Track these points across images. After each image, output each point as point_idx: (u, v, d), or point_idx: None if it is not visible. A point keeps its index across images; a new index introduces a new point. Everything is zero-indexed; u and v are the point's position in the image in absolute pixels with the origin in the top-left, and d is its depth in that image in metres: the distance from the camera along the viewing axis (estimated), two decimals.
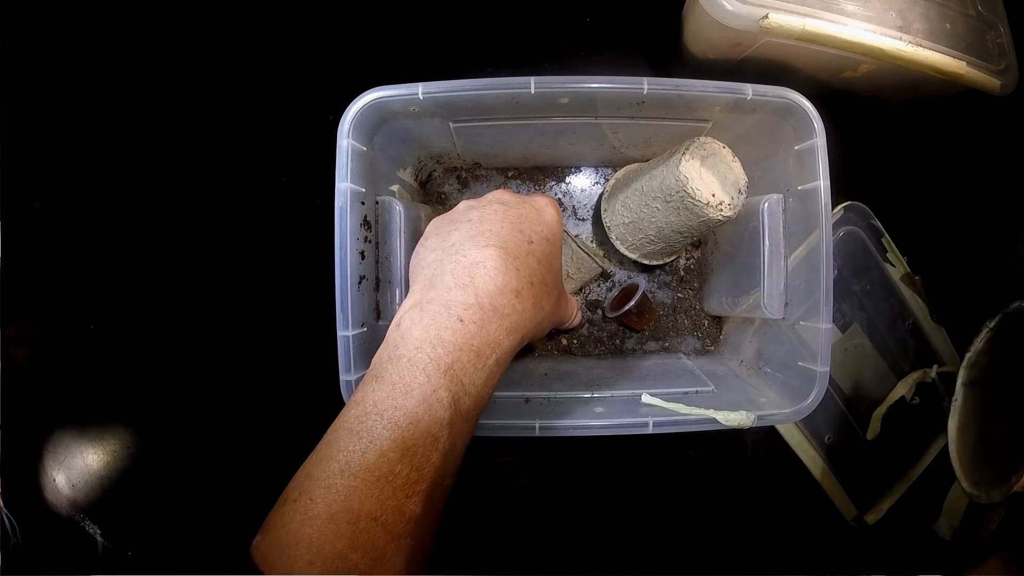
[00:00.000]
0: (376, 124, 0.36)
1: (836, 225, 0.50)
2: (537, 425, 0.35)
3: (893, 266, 0.52)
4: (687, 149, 0.38)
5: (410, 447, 0.24)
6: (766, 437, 0.51)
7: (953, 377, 0.52)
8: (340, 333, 0.33)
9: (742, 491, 0.52)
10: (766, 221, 0.39)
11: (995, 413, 0.45)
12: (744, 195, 0.39)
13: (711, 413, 0.36)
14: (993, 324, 0.45)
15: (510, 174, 0.50)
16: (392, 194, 0.40)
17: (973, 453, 0.45)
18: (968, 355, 0.46)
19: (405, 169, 0.44)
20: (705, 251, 0.51)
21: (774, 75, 0.44)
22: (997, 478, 0.41)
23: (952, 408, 0.46)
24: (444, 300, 0.28)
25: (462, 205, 0.34)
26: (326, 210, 0.34)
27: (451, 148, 0.45)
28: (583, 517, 0.51)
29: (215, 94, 0.51)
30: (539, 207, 0.34)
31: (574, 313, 0.39)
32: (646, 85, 0.35)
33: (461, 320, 0.27)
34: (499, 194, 0.35)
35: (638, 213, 0.43)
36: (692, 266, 0.51)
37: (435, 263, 0.30)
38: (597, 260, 0.41)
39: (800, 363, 0.37)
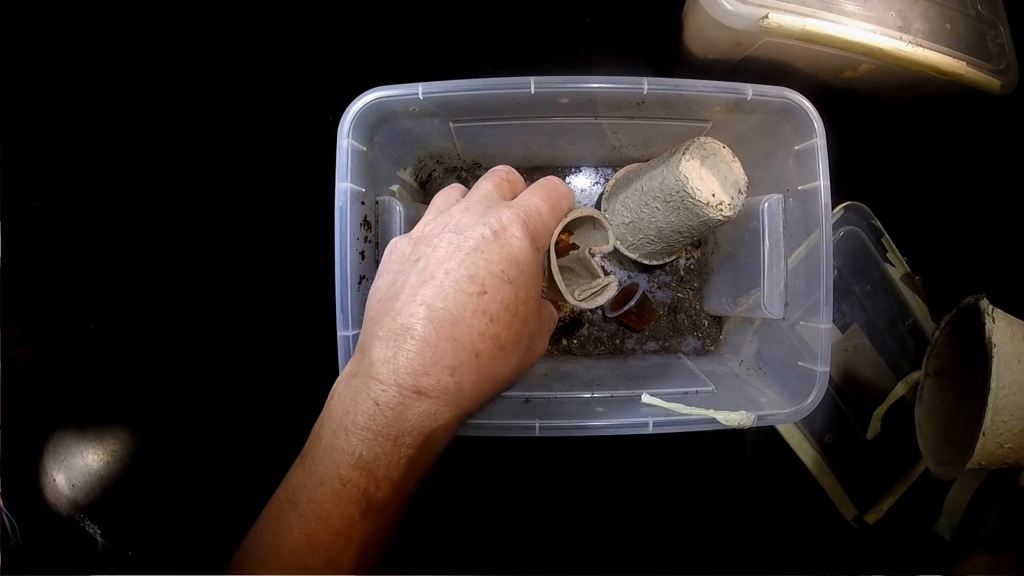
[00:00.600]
0: (376, 124, 0.36)
1: (836, 225, 0.50)
2: (537, 425, 0.35)
3: (893, 266, 0.51)
4: (687, 149, 0.38)
5: (318, 544, 0.23)
6: (766, 437, 0.51)
7: None
8: (340, 333, 0.33)
9: (742, 491, 0.52)
10: (766, 221, 0.39)
11: (956, 399, 0.48)
12: (744, 195, 0.39)
13: (711, 413, 0.36)
14: (950, 317, 0.48)
15: None
16: (392, 194, 0.40)
17: (939, 436, 0.48)
18: (930, 347, 0.49)
19: (405, 169, 0.44)
20: (705, 251, 0.51)
21: (774, 75, 0.44)
22: (958, 457, 0.43)
23: (918, 396, 0.50)
24: (368, 373, 0.24)
25: (419, 228, 0.29)
26: (326, 210, 0.34)
27: (451, 148, 0.45)
28: (583, 517, 0.51)
29: (215, 94, 0.51)
30: (499, 232, 0.26)
31: (554, 323, 0.33)
32: (646, 85, 0.35)
33: (377, 404, 0.24)
34: (457, 213, 0.28)
35: (638, 213, 0.43)
36: (692, 266, 0.51)
37: (373, 318, 0.26)
38: (571, 299, 0.33)
39: (800, 363, 0.37)
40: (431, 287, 0.25)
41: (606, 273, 0.36)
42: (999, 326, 0.40)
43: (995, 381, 0.38)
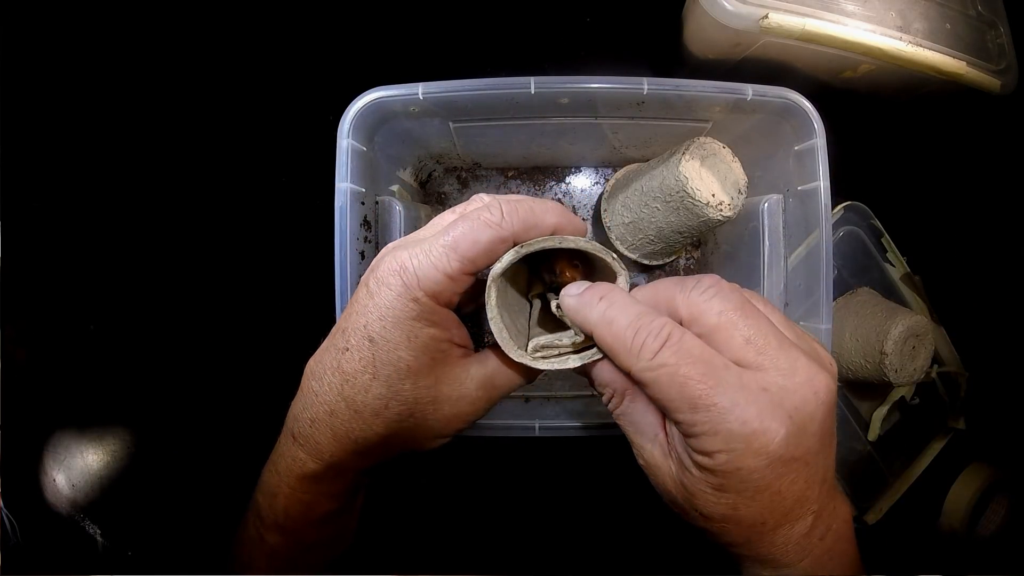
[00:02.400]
0: (376, 124, 0.36)
1: (836, 225, 0.50)
2: (537, 425, 0.35)
3: (893, 266, 0.52)
4: (687, 149, 0.38)
5: (244, 542, 0.27)
6: None
7: (952, 376, 0.52)
8: None
9: None
10: (766, 221, 0.39)
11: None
12: (744, 195, 0.39)
13: None
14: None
15: (510, 174, 0.50)
16: (392, 194, 0.41)
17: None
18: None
19: (405, 169, 0.44)
20: (705, 251, 0.51)
21: (774, 75, 0.44)
22: None
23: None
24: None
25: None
26: (326, 210, 0.34)
27: (451, 148, 0.45)
28: (583, 517, 0.51)
29: (215, 94, 0.51)
30: (380, 280, 0.24)
31: (498, 390, 0.27)
32: (646, 85, 0.35)
33: (281, 437, 0.27)
34: (385, 247, 0.25)
35: (638, 213, 0.43)
36: (692, 266, 0.51)
37: None
38: (514, 353, 0.25)
39: None
40: (327, 339, 0.25)
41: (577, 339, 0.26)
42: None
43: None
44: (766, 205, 0.39)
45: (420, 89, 0.34)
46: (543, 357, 0.25)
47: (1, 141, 0.48)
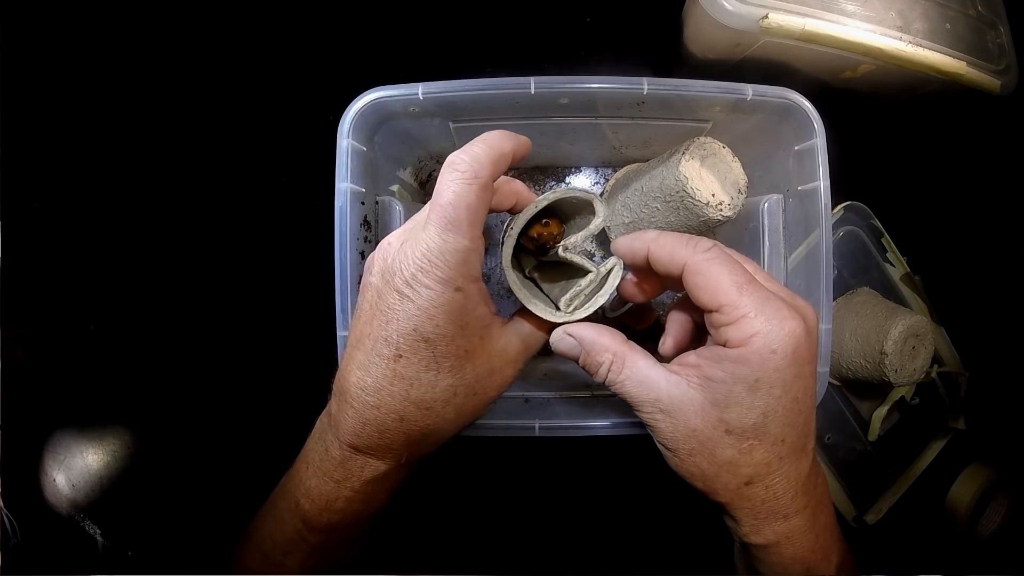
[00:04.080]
0: (376, 124, 0.36)
1: (836, 225, 0.50)
2: (537, 425, 0.35)
3: (893, 266, 0.52)
4: (687, 149, 0.38)
5: (278, 543, 0.28)
6: None
7: (952, 376, 0.52)
8: (340, 333, 0.33)
9: None
10: (766, 221, 0.39)
11: None
12: (744, 195, 0.39)
13: None
14: None
15: (510, 174, 0.50)
16: (392, 194, 0.41)
17: None
18: None
19: (405, 169, 0.44)
20: None
21: (774, 75, 0.44)
22: None
23: None
24: (328, 421, 0.27)
25: (384, 244, 0.26)
26: (326, 210, 0.34)
27: (451, 148, 0.44)
28: (583, 517, 0.51)
29: (215, 94, 0.51)
30: (409, 283, 0.24)
31: (526, 351, 0.29)
32: (646, 85, 0.35)
33: (327, 451, 0.26)
34: (396, 242, 0.25)
35: (638, 213, 0.43)
36: None
37: (348, 346, 0.27)
38: (552, 316, 0.28)
39: None
40: (360, 352, 0.25)
41: (595, 259, 0.30)
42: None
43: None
44: (766, 205, 0.39)
45: (420, 89, 0.34)
46: (577, 307, 0.28)
47: (1, 141, 0.48)
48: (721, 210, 0.38)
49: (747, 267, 0.26)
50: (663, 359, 0.28)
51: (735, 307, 0.23)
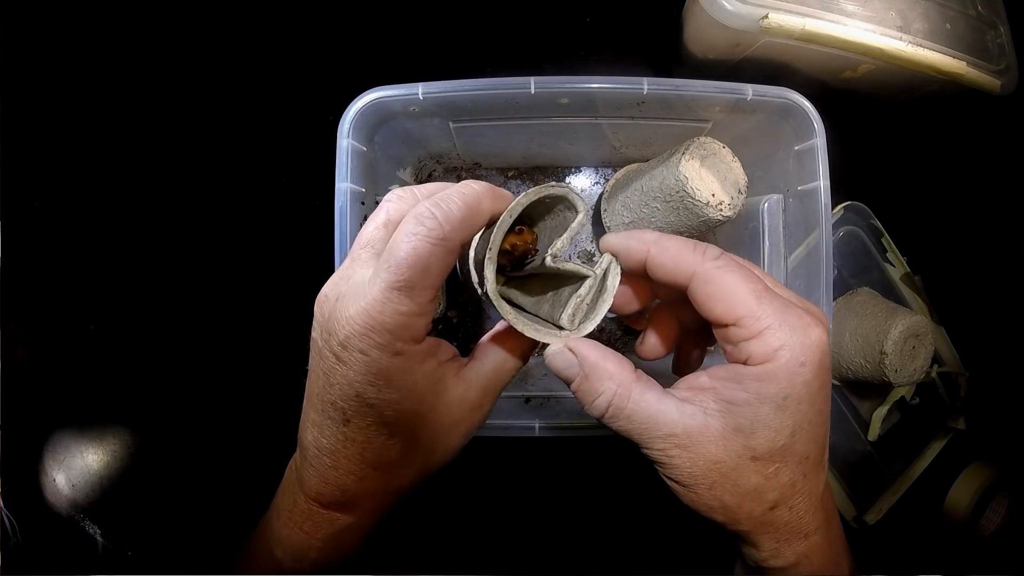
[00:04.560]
0: (376, 124, 0.36)
1: (836, 225, 0.50)
2: (537, 425, 0.35)
3: (893, 266, 0.52)
4: (687, 149, 0.38)
5: None
6: None
7: (952, 376, 0.52)
8: None
9: None
10: (766, 221, 0.39)
11: None
12: (744, 195, 0.39)
13: None
14: None
15: (510, 174, 0.50)
16: None
17: None
18: None
19: (405, 169, 0.44)
20: None
21: (774, 75, 0.44)
22: None
23: None
24: (294, 474, 0.26)
25: (331, 281, 0.25)
26: (326, 210, 0.34)
27: (451, 148, 0.45)
28: (583, 517, 0.50)
29: (215, 94, 0.51)
30: (344, 346, 0.22)
31: (491, 389, 0.26)
32: (646, 85, 0.35)
33: (295, 502, 0.26)
34: (333, 290, 0.24)
35: (638, 213, 0.43)
36: None
37: (305, 401, 0.26)
38: (552, 339, 0.24)
39: None
40: (313, 411, 0.24)
41: (590, 262, 0.27)
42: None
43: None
44: (766, 205, 0.39)
45: (420, 89, 0.34)
46: (583, 320, 0.25)
47: (1, 141, 0.48)
48: (721, 210, 0.38)
49: (756, 272, 0.24)
50: (640, 360, 0.27)
51: (756, 319, 0.21)
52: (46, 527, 0.48)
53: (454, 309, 0.49)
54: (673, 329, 0.28)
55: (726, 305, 0.21)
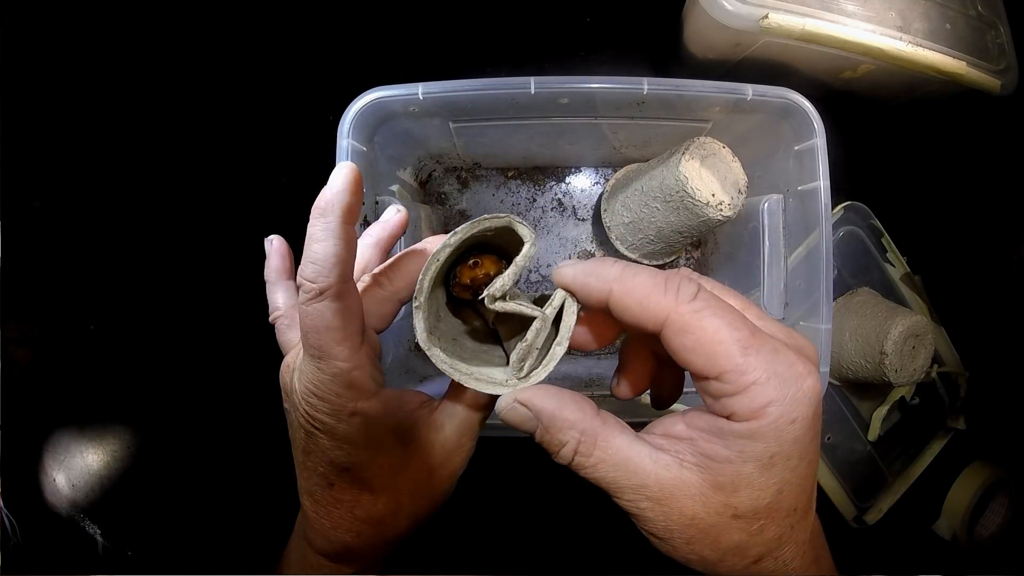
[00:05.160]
0: (376, 124, 0.36)
1: (836, 225, 0.50)
2: None
3: (893, 266, 0.51)
4: (687, 149, 0.38)
5: None
6: None
7: (952, 376, 0.52)
8: None
9: None
10: (766, 221, 0.39)
11: None
12: (744, 195, 0.39)
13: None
14: None
15: (510, 174, 0.50)
16: (392, 194, 0.41)
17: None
18: None
19: (405, 169, 0.44)
20: (705, 251, 0.51)
21: (774, 75, 0.44)
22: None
23: None
24: (298, 531, 0.27)
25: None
26: None
27: (451, 148, 0.45)
28: (583, 517, 0.50)
29: (215, 94, 0.51)
30: (299, 420, 0.23)
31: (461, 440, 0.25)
32: (646, 85, 0.35)
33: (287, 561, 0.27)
34: (280, 377, 0.26)
35: (638, 213, 0.43)
36: (692, 266, 0.51)
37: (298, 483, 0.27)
38: (492, 388, 0.22)
39: None
40: (303, 477, 0.25)
41: (537, 303, 0.23)
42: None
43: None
44: (766, 205, 0.39)
45: (420, 89, 0.34)
46: (533, 367, 0.22)
47: (1, 141, 0.48)
48: (721, 210, 0.38)
49: (735, 302, 0.21)
50: (617, 400, 0.25)
51: (741, 372, 0.18)
52: (46, 527, 0.48)
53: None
54: (649, 363, 0.25)
55: (706, 358, 0.19)
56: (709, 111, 0.39)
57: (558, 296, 0.22)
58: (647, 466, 0.20)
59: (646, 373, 0.25)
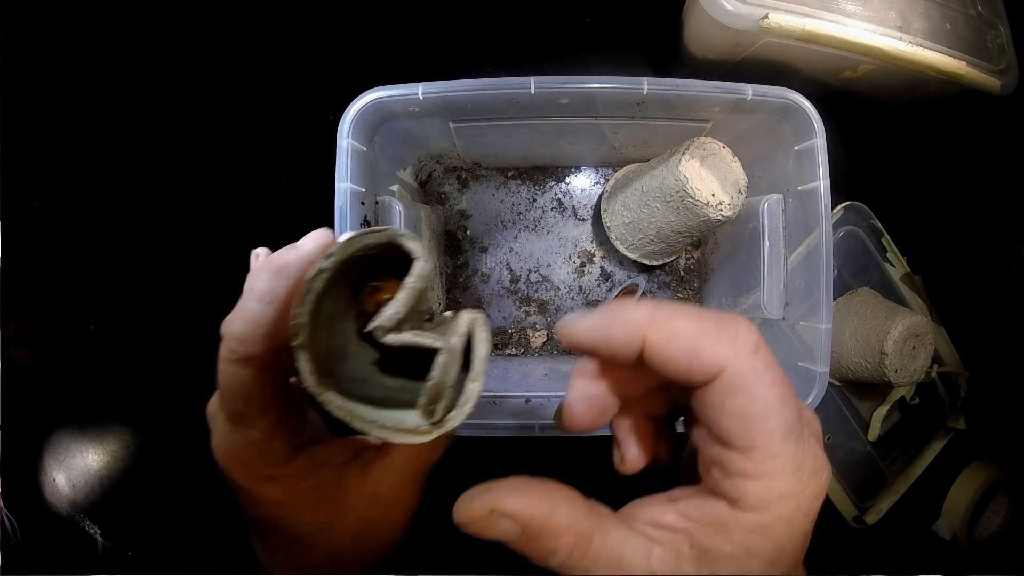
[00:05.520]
0: (376, 124, 0.36)
1: (836, 225, 0.50)
2: (537, 425, 0.35)
3: (893, 266, 0.51)
4: (687, 149, 0.38)
5: None
6: None
7: (952, 376, 0.52)
8: None
9: None
10: (766, 221, 0.39)
11: None
12: (744, 195, 0.39)
13: None
14: None
15: (510, 174, 0.50)
16: (392, 194, 0.41)
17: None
18: None
19: (405, 169, 0.44)
20: (705, 251, 0.51)
21: (774, 75, 0.44)
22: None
23: None
24: None
25: None
26: (326, 210, 0.34)
27: (451, 148, 0.45)
28: None
29: (215, 94, 0.51)
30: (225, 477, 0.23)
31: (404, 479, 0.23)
32: (646, 85, 0.35)
33: None
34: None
35: (638, 213, 0.43)
36: (692, 266, 0.51)
37: None
38: (400, 436, 0.18)
39: (800, 363, 0.37)
40: (249, 526, 0.25)
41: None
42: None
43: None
44: (766, 205, 0.39)
45: (420, 89, 0.34)
46: (448, 409, 0.18)
47: (1, 141, 0.48)
48: (721, 210, 0.38)
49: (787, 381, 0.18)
50: (621, 472, 0.23)
51: (772, 456, 0.16)
52: (46, 527, 0.48)
53: (452, 310, 0.49)
54: (649, 432, 0.23)
55: (744, 429, 0.16)
56: (709, 111, 0.39)
57: (462, 321, 0.18)
58: (641, 562, 0.17)
59: (649, 444, 0.23)
